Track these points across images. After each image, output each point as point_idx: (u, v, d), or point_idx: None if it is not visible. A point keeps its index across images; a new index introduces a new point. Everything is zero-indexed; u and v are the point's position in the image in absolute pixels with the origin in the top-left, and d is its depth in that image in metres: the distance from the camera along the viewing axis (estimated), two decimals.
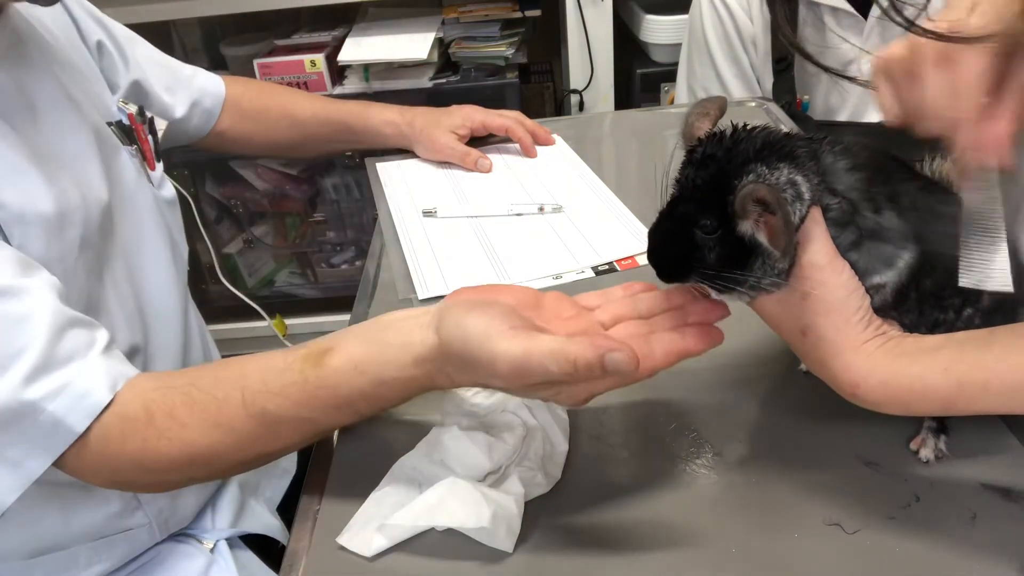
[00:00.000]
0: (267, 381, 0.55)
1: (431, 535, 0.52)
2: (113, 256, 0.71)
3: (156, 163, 0.82)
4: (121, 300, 0.70)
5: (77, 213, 0.65)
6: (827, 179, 0.49)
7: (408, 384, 0.54)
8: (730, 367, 0.64)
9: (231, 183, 1.87)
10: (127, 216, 0.74)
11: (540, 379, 0.48)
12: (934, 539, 0.49)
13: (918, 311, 0.51)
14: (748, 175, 0.46)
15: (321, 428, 0.57)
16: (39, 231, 0.61)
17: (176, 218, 0.84)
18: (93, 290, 0.67)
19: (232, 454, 0.57)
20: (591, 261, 0.82)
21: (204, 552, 0.79)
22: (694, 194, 0.48)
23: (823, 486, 0.53)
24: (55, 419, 0.53)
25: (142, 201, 0.77)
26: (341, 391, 0.54)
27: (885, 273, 0.49)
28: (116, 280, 0.70)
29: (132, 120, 0.79)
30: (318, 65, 1.59)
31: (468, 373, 0.51)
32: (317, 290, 1.96)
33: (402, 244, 0.88)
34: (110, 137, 0.75)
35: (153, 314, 0.75)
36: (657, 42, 1.67)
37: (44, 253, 0.61)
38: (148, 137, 0.82)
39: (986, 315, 0.53)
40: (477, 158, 1.03)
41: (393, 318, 0.56)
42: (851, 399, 0.49)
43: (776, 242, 0.46)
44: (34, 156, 0.63)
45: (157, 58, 0.92)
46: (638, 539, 0.51)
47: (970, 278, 0.47)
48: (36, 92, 0.67)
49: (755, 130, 0.48)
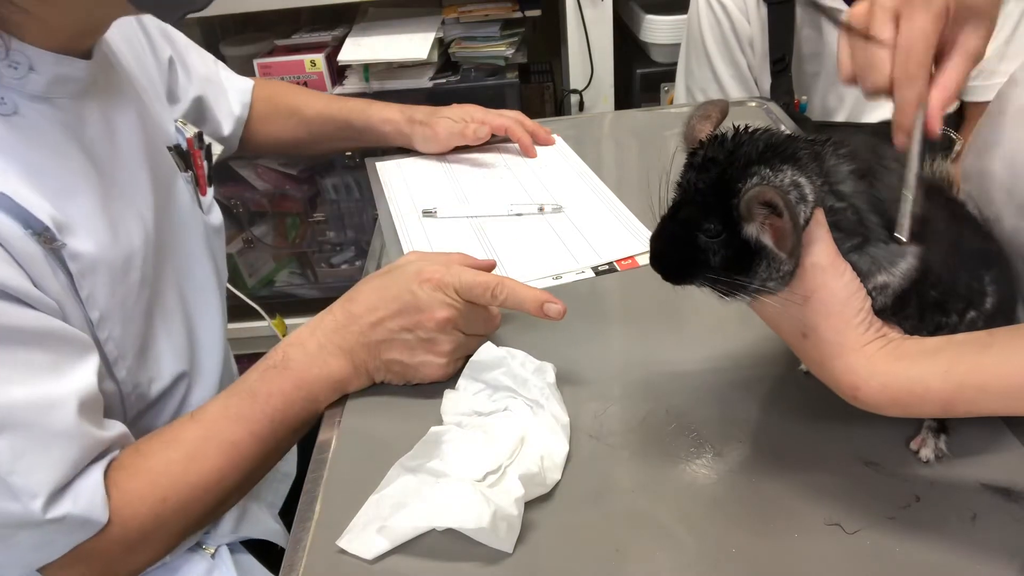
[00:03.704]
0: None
1: (431, 536, 0.52)
2: (166, 288, 0.70)
3: (208, 188, 0.81)
4: (170, 332, 0.70)
5: (138, 255, 0.64)
6: (830, 181, 0.48)
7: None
8: (730, 368, 0.64)
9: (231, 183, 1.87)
10: (180, 246, 0.73)
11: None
12: (934, 539, 0.49)
13: (919, 315, 0.51)
14: (752, 178, 0.46)
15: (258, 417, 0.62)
16: (106, 279, 0.61)
17: (221, 245, 0.83)
18: (146, 327, 0.66)
19: (186, 473, 0.60)
20: (591, 261, 0.81)
21: (206, 557, 0.79)
22: (696, 198, 0.48)
23: (823, 486, 0.53)
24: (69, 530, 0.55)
25: (193, 229, 0.76)
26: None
27: (887, 275, 0.49)
28: (166, 311, 0.70)
29: (191, 145, 0.77)
30: (318, 65, 1.59)
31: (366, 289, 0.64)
32: (317, 290, 1.96)
33: (402, 244, 0.88)
34: (169, 162, 0.73)
35: (200, 342, 0.75)
36: (657, 42, 1.67)
37: (108, 301, 0.61)
38: (203, 163, 0.80)
39: (989, 319, 0.53)
40: (475, 128, 1.02)
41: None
42: (852, 401, 0.49)
43: (782, 244, 0.46)
44: (107, 197, 0.62)
45: (207, 66, 0.91)
46: (638, 539, 0.51)
47: (898, 229, 0.49)
48: (119, 123, 0.66)
49: (757, 132, 0.48)
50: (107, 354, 0.62)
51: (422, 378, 0.65)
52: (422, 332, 0.63)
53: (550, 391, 0.59)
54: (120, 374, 0.63)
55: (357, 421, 0.64)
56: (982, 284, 0.53)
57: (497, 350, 0.61)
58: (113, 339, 0.62)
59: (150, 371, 0.67)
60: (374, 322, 0.64)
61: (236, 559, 0.81)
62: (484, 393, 0.62)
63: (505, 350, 0.61)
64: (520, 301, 0.65)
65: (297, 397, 0.63)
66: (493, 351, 0.61)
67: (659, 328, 0.71)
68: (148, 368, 0.67)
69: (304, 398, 0.64)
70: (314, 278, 1.97)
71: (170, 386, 0.70)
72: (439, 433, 0.57)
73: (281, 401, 0.63)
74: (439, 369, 0.64)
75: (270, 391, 0.63)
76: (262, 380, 0.63)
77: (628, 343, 0.71)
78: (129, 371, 0.64)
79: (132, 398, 0.66)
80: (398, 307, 0.63)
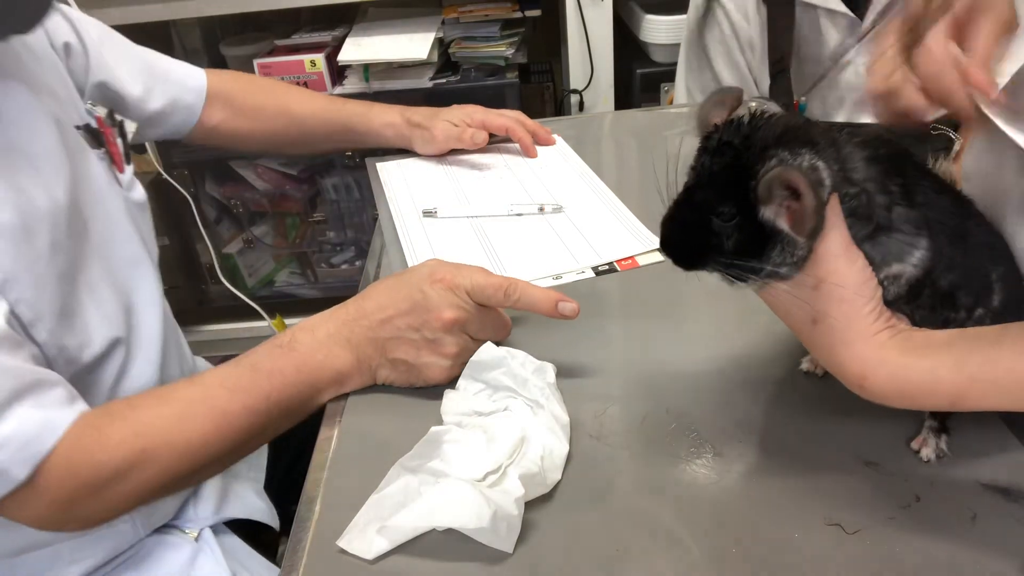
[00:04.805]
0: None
1: (431, 536, 0.52)
2: (87, 257, 0.71)
3: (125, 166, 0.82)
4: (99, 300, 0.71)
5: (45, 219, 0.65)
6: (845, 168, 0.48)
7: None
8: (730, 367, 0.64)
9: (231, 183, 1.87)
10: (99, 218, 0.74)
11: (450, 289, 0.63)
12: (934, 539, 0.49)
13: (930, 307, 0.51)
14: (771, 160, 0.45)
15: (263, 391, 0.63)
16: (5, 244, 0.61)
17: (146, 220, 0.84)
18: (67, 294, 0.67)
19: (180, 432, 0.61)
20: (591, 261, 0.81)
21: (189, 541, 0.79)
22: (711, 181, 0.47)
23: (823, 486, 0.53)
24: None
25: (112, 203, 0.77)
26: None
27: (899, 265, 0.49)
28: (92, 280, 0.71)
29: (100, 123, 0.79)
30: (318, 65, 1.60)
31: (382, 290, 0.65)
32: (317, 290, 1.96)
33: (402, 244, 0.88)
34: (78, 140, 0.75)
35: (135, 310, 0.76)
36: (657, 42, 1.67)
37: (12, 265, 0.61)
38: (117, 140, 0.81)
39: (997, 315, 0.52)
40: (472, 133, 1.03)
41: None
42: (858, 390, 0.49)
43: (800, 228, 0.45)
44: (2, 166, 0.63)
45: (132, 54, 0.92)
46: (638, 539, 0.51)
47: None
48: (10, 102, 0.67)
49: (774, 116, 0.47)
50: (20, 316, 0.62)
51: (425, 380, 0.65)
52: (428, 332, 0.63)
53: (550, 391, 0.59)
54: (40, 336, 0.64)
55: (357, 421, 0.64)
56: (989, 281, 0.53)
57: (497, 350, 0.61)
58: (24, 301, 0.62)
59: (78, 336, 0.68)
60: (383, 319, 0.64)
61: (220, 540, 0.81)
62: (484, 393, 0.62)
63: (505, 350, 0.61)
64: (533, 302, 0.65)
65: (297, 380, 0.64)
66: (493, 351, 0.61)
67: (659, 328, 0.71)
68: (75, 333, 0.68)
69: (304, 382, 0.64)
70: (314, 278, 1.97)
71: (105, 352, 0.71)
72: (439, 433, 0.57)
73: (281, 380, 0.63)
74: (443, 372, 0.64)
75: (272, 368, 0.63)
76: (266, 357, 0.64)
77: (628, 343, 0.71)
78: (51, 334, 0.64)
79: (60, 362, 0.66)
80: (408, 306, 0.64)
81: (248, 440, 0.64)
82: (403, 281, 0.67)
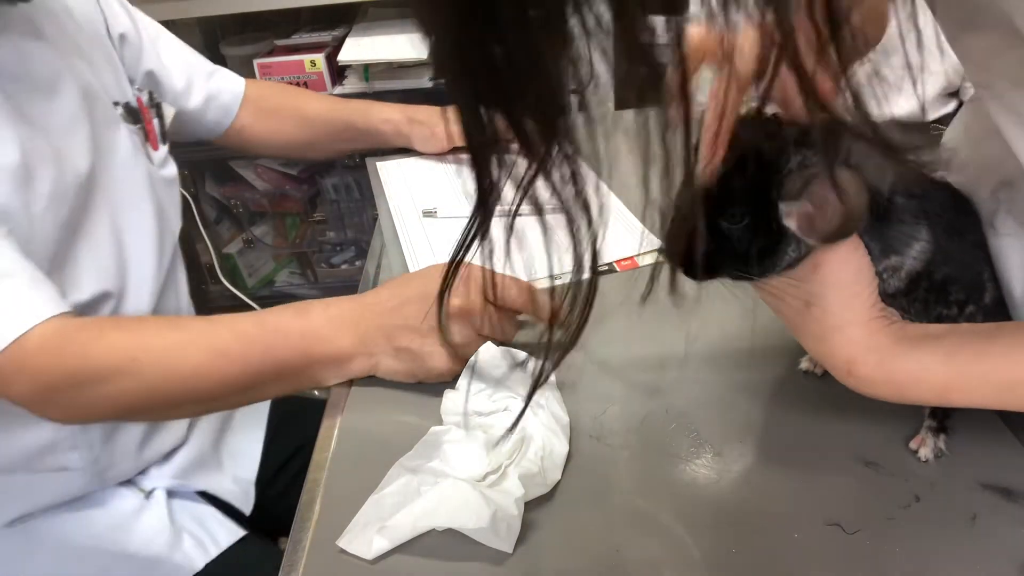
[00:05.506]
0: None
1: (431, 536, 0.52)
2: (95, 213, 0.76)
3: (160, 144, 0.89)
4: (96, 253, 0.76)
5: (47, 169, 0.70)
6: (848, 162, 0.47)
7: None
8: (730, 368, 0.64)
9: (231, 183, 1.87)
10: (116, 184, 0.80)
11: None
12: (934, 539, 0.49)
13: (924, 301, 0.51)
14: (794, 158, 0.44)
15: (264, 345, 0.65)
16: (4, 177, 0.66)
17: (172, 195, 0.90)
18: (63, 240, 0.72)
19: (179, 358, 0.64)
20: None
21: (139, 496, 0.82)
22: (718, 182, 0.46)
23: (823, 486, 0.53)
24: None
25: (135, 174, 0.83)
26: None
27: (898, 257, 0.49)
28: (94, 235, 0.76)
29: (140, 103, 0.86)
30: (318, 65, 1.59)
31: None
32: (317, 290, 1.96)
33: (402, 244, 0.88)
34: (110, 112, 0.81)
35: (130, 270, 0.81)
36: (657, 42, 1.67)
37: (7, 200, 0.66)
38: (154, 120, 0.88)
39: (988, 313, 0.52)
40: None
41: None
42: (845, 377, 0.48)
43: (822, 229, 0.44)
44: (14, 114, 0.68)
45: (182, 54, 0.99)
46: (638, 540, 0.51)
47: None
48: (38, 64, 0.72)
49: (777, 116, 0.46)
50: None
51: (427, 371, 0.65)
52: (433, 319, 0.64)
53: (550, 391, 0.59)
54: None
55: (357, 421, 0.64)
56: (982, 279, 0.53)
57: (497, 350, 0.61)
58: (17, 235, 0.66)
59: (67, 281, 0.72)
60: (394, 307, 0.66)
61: (182, 505, 0.84)
62: (484, 393, 0.62)
63: (505, 350, 0.61)
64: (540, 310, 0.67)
65: (299, 344, 0.65)
66: (493, 351, 0.61)
67: (659, 328, 0.71)
68: (65, 277, 0.72)
69: (304, 351, 0.65)
70: (314, 278, 1.97)
71: (92, 301, 0.74)
72: (439, 433, 0.57)
73: (283, 340, 0.65)
74: (445, 361, 0.64)
75: (278, 326, 0.66)
76: (277, 316, 0.67)
77: (628, 343, 0.71)
78: (41, 270, 0.67)
79: None
80: (417, 295, 0.66)
81: (234, 390, 0.66)
82: (418, 274, 0.70)
